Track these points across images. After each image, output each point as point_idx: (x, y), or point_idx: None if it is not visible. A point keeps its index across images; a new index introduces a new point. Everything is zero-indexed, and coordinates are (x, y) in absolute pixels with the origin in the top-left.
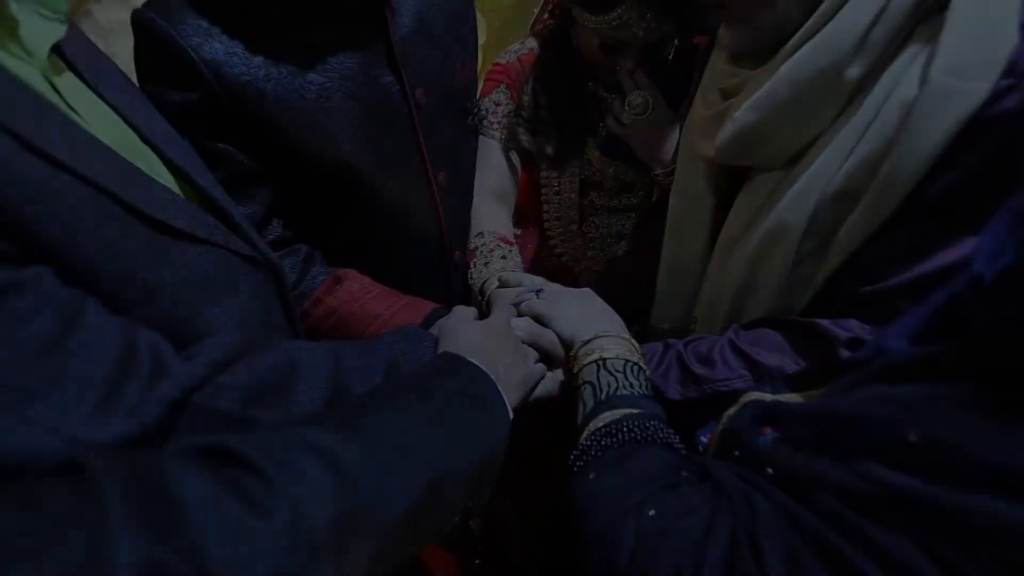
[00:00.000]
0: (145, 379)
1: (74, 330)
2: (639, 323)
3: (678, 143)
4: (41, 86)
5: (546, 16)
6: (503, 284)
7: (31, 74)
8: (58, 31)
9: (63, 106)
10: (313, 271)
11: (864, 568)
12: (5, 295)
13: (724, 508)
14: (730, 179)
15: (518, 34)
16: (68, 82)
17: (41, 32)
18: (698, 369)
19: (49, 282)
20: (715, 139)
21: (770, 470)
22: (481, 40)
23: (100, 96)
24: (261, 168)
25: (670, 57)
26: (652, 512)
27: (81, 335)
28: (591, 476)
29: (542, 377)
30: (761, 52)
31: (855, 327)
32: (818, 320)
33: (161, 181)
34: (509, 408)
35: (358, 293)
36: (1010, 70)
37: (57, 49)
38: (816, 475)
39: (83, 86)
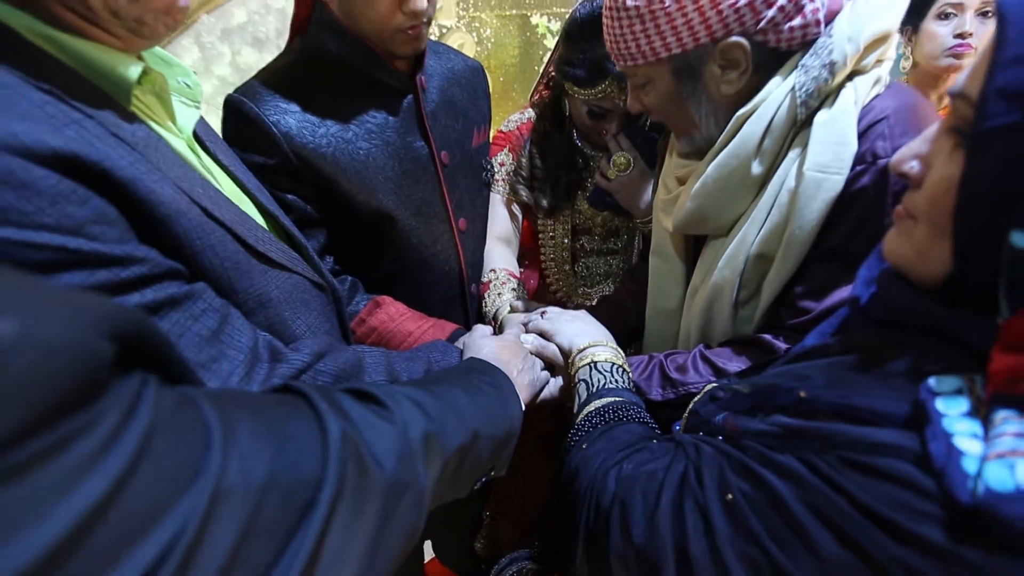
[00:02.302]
0: (268, 363)
1: (225, 327)
2: (630, 348)
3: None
4: (187, 154)
5: (542, 88)
6: (513, 310)
7: (181, 146)
8: (196, 115)
9: (200, 167)
10: (357, 297)
11: (764, 475)
12: (184, 301)
13: (679, 454)
14: (695, 242)
15: (519, 88)
16: (199, 149)
17: (187, 116)
18: (675, 375)
19: (209, 293)
20: (672, 217)
21: (720, 438)
22: None
23: (215, 158)
24: (319, 214)
25: (647, 123)
26: (628, 466)
27: (230, 330)
28: (583, 447)
29: (547, 382)
30: (701, 152)
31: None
32: (764, 335)
33: (258, 222)
34: (522, 403)
35: (394, 315)
36: (860, 160)
37: None
38: (747, 429)
39: (204, 152)
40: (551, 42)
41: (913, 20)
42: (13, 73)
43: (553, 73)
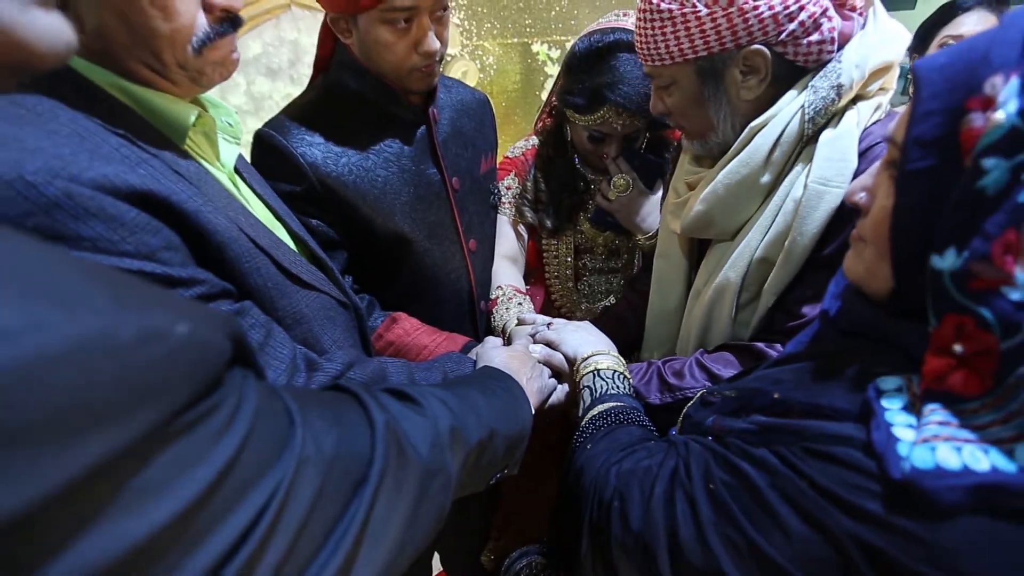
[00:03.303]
0: (305, 372)
1: (269, 340)
2: (631, 357)
3: (653, 213)
4: (229, 186)
5: (545, 115)
6: (521, 322)
7: (224, 178)
8: (237, 151)
9: (240, 198)
10: (375, 314)
11: (742, 466)
12: (236, 317)
13: (672, 452)
14: (699, 247)
15: (521, 112)
16: (238, 181)
17: (230, 151)
18: (672, 380)
19: (255, 310)
20: (681, 220)
21: (710, 438)
22: None
23: (251, 188)
24: (341, 238)
25: (644, 146)
26: (627, 463)
27: (273, 343)
28: (588, 447)
29: (555, 388)
30: (713, 157)
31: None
32: (757, 343)
33: (290, 246)
34: (532, 407)
35: (409, 330)
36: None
37: None
38: (730, 428)
39: (243, 183)
40: (551, 68)
41: (919, 49)
42: (93, 120)
43: (555, 102)
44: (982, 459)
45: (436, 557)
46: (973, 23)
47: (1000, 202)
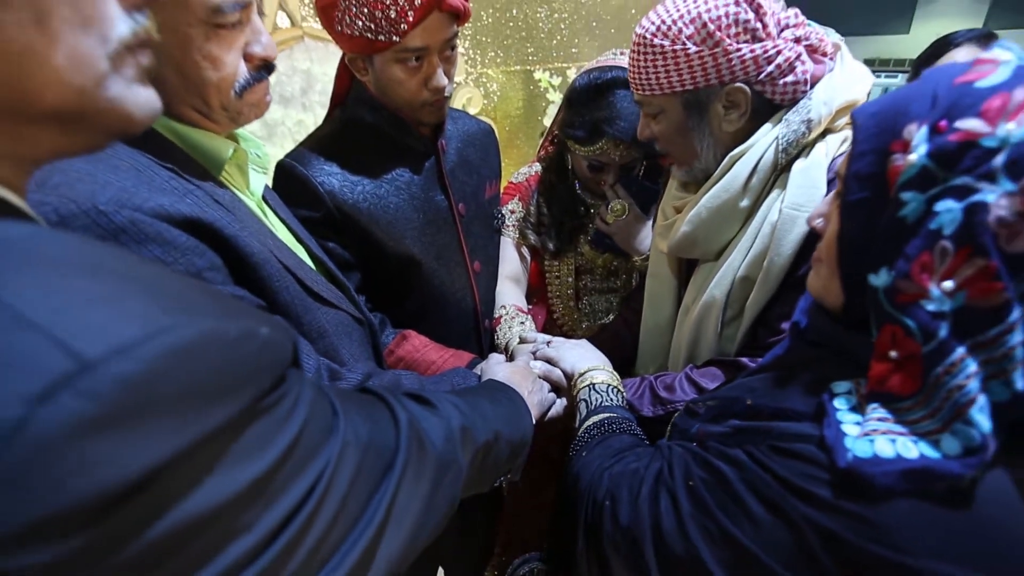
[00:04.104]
0: (328, 382)
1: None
2: (627, 373)
3: (649, 236)
4: (258, 212)
5: (547, 144)
6: (523, 341)
7: (253, 206)
8: (264, 180)
9: (268, 223)
10: (386, 331)
11: (718, 465)
12: None
13: (657, 455)
14: (687, 266)
15: (524, 136)
16: (265, 207)
17: (258, 180)
18: (663, 394)
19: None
20: (668, 241)
21: (694, 444)
22: None
23: (276, 213)
24: (355, 259)
25: (640, 174)
26: (618, 467)
27: (299, 356)
28: (583, 454)
29: (554, 402)
30: (697, 182)
31: None
32: (742, 358)
33: (310, 267)
34: (532, 418)
35: (419, 346)
36: None
37: None
38: (709, 432)
39: (269, 208)
40: (552, 95)
41: (914, 79)
42: (146, 156)
43: (557, 133)
44: (912, 448)
45: (440, 572)
46: (963, 58)
47: (917, 229)
